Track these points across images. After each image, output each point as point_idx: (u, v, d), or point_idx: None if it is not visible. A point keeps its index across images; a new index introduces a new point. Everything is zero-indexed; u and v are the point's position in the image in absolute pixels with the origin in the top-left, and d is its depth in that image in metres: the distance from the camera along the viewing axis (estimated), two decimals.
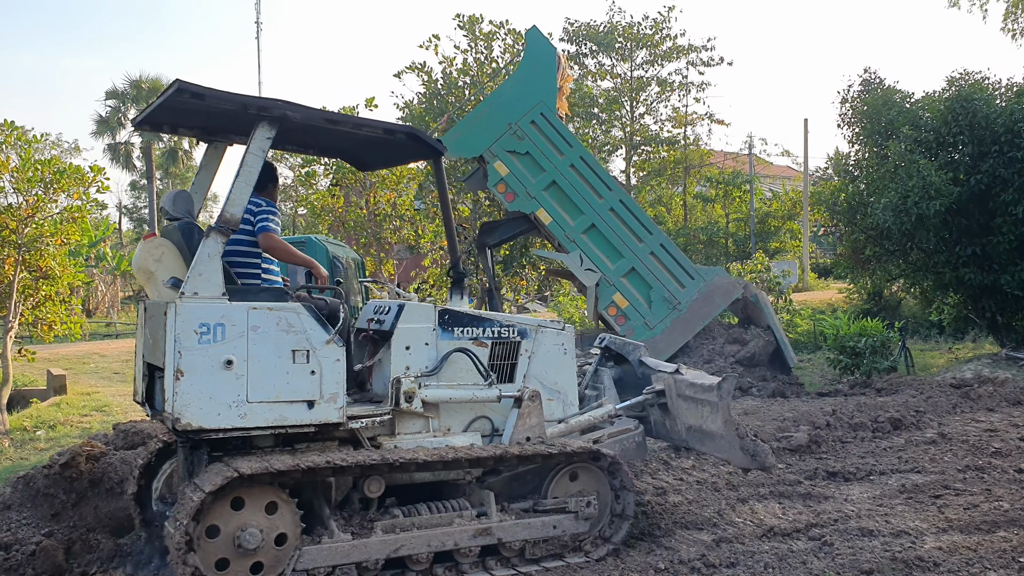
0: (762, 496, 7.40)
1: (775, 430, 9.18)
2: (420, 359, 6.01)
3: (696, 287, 11.53)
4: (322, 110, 5.64)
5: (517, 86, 12.01)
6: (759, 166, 40.82)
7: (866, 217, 15.33)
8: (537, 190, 11.85)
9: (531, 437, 6.20)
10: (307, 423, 5.34)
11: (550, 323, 6.78)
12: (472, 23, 17.40)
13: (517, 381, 6.45)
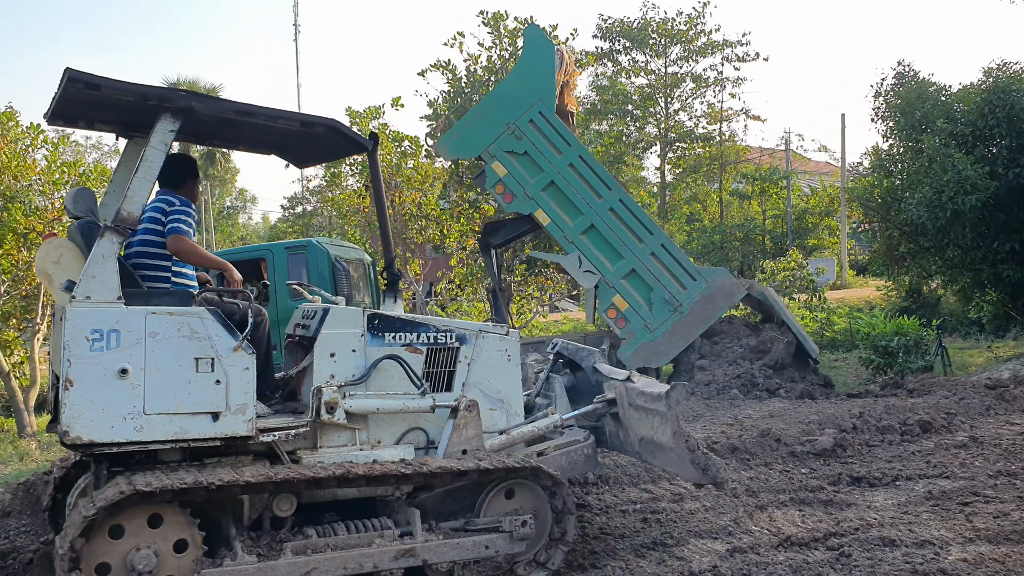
0: (782, 503, 7.18)
1: (799, 433, 8.93)
2: (346, 367, 5.66)
3: (698, 288, 11.22)
4: (232, 101, 5.32)
5: (515, 85, 11.77)
6: (796, 162, 40.29)
7: (900, 213, 14.97)
8: (535, 190, 11.60)
9: (467, 450, 5.81)
10: (211, 436, 5.01)
11: (492, 328, 6.39)
12: (497, 20, 17.29)
13: (455, 390, 6.07)
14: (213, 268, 5.89)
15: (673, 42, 36.00)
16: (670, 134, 36.56)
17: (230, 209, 65.53)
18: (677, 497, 7.49)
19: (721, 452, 8.50)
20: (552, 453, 6.37)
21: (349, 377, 5.65)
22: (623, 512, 7.15)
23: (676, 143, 36.75)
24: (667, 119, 36.89)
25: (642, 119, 36.95)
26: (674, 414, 6.10)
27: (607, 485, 7.85)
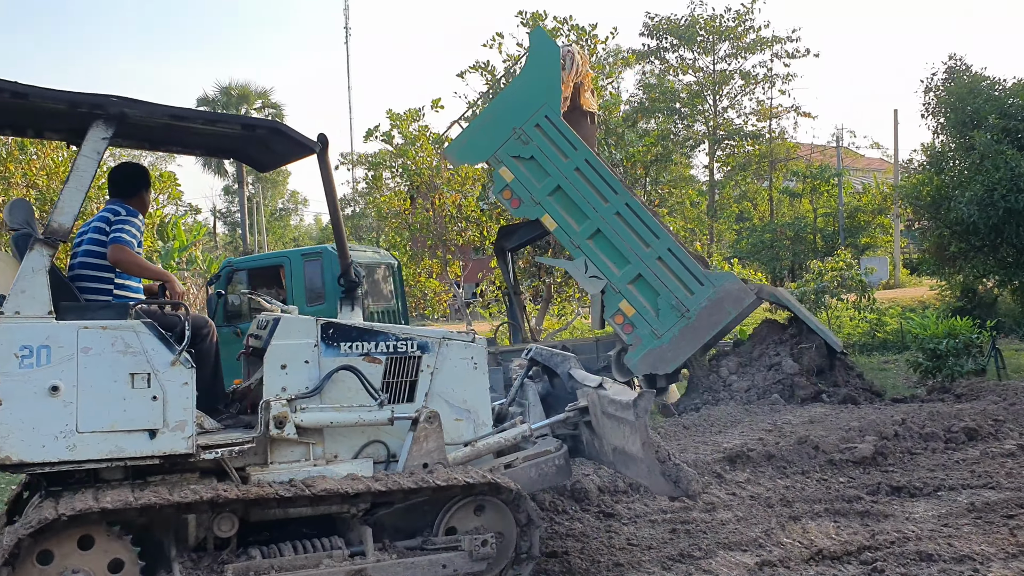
0: (816, 514, 6.96)
1: (838, 440, 8.68)
2: (299, 379, 5.44)
3: (706, 294, 10.92)
4: (166, 106, 5.09)
5: (521, 89, 11.66)
6: (848, 159, 39.60)
7: (950, 212, 14.57)
8: (542, 195, 11.46)
9: (428, 463, 5.57)
10: (149, 454, 4.83)
11: (457, 335, 6.15)
12: (535, 20, 17.19)
13: (418, 400, 5.82)
14: (154, 279, 5.68)
15: (721, 39, 35.65)
16: (719, 132, 36.19)
17: (282, 211, 66.33)
18: (709, 507, 7.31)
19: (757, 460, 8.31)
20: (521, 465, 6.10)
21: (301, 390, 5.44)
22: (652, 522, 7.00)
23: (725, 141, 36.37)
24: (715, 117, 36.54)
25: (690, 117, 36.64)
26: (642, 423, 5.79)
27: (638, 494, 7.70)
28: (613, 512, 7.30)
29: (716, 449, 8.85)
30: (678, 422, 10.20)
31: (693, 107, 36.24)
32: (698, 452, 8.85)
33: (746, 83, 36.28)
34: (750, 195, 39.00)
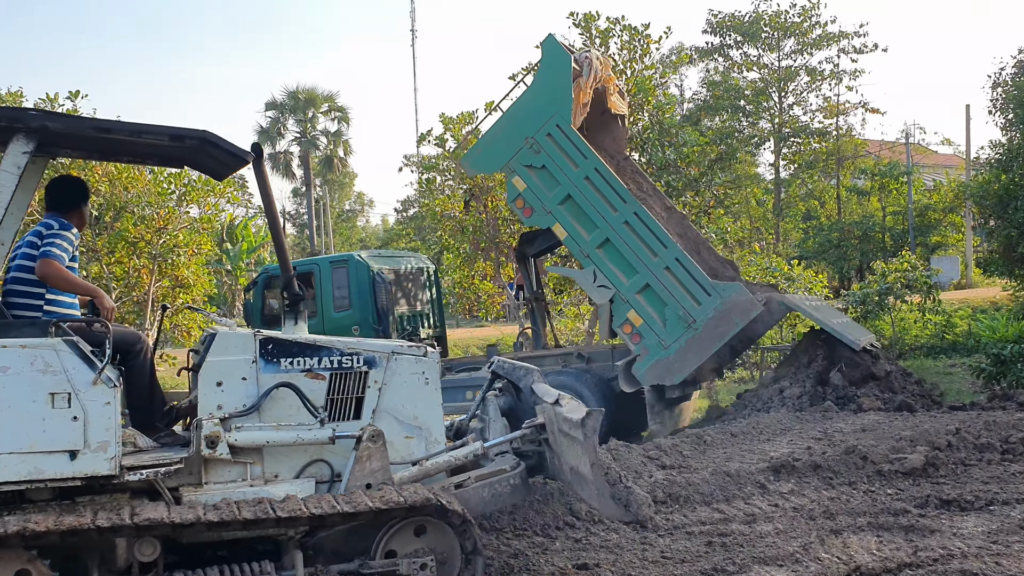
0: (859, 528, 6.76)
1: (888, 450, 8.41)
2: (236, 396, 5.31)
3: (712, 304, 10.69)
4: (90, 119, 4.98)
5: (533, 99, 11.61)
6: (919, 156, 38.53)
7: (1017, 211, 14.06)
8: (553, 204, 11.38)
9: (373, 484, 5.37)
10: (70, 476, 4.74)
11: (407, 349, 5.94)
12: (588, 21, 17.04)
13: (364, 418, 5.65)
14: (82, 294, 5.57)
15: (786, 35, 34.96)
16: (784, 129, 35.48)
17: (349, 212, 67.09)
18: (749, 518, 7.16)
19: (802, 470, 8.11)
20: (473, 484, 5.90)
21: (238, 407, 5.31)
22: (689, 534, 6.86)
23: (790, 138, 35.62)
24: (781, 114, 35.85)
25: (755, 114, 36.00)
26: (591, 444, 5.54)
27: (677, 504, 7.57)
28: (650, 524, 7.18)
29: (762, 458, 8.66)
30: (725, 429, 10.01)
31: (758, 104, 35.60)
32: (743, 461, 8.67)
33: (812, 79, 35.49)
34: (817, 193, 38.15)
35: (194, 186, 16.20)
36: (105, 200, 15.79)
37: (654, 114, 17.26)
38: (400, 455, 5.75)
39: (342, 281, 13.37)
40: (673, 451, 9.16)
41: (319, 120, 51.76)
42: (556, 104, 11.32)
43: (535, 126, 11.33)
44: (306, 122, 51.41)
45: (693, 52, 38.38)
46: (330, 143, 51.84)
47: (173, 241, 16.10)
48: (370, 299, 13.06)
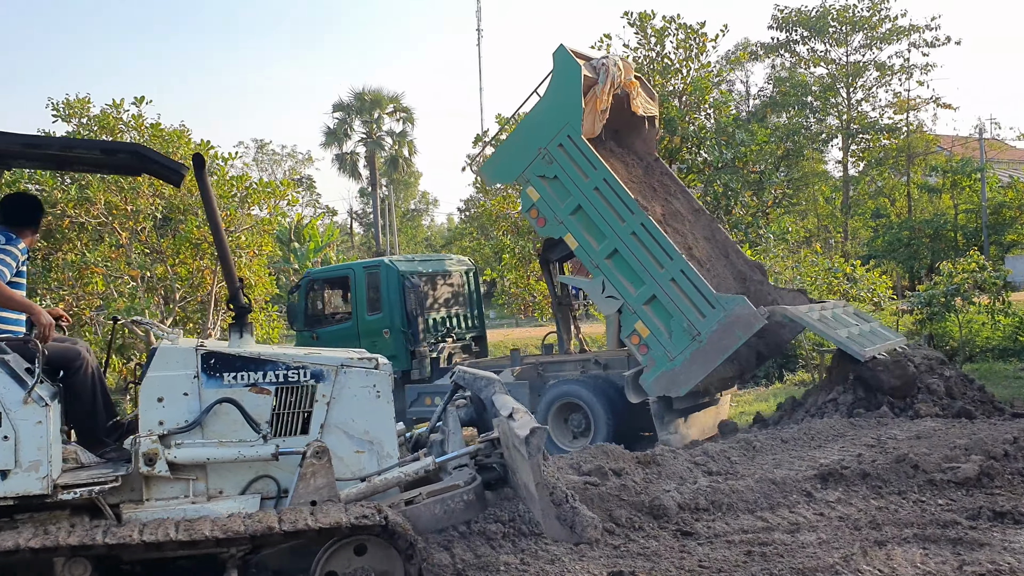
0: (905, 539, 6.58)
1: (941, 459, 8.18)
2: (177, 412, 5.23)
3: (716, 317, 10.53)
4: (19, 134, 5.04)
5: (546, 110, 11.68)
6: (995, 151, 37.35)
7: None
8: (565, 214, 11.42)
9: (318, 500, 5.27)
10: (1, 496, 4.74)
11: (358, 362, 5.81)
12: (643, 20, 16.90)
13: (313, 433, 5.55)
14: (17, 310, 5.54)
15: (855, 29, 34.29)
16: (852, 125, 34.78)
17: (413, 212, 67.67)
18: (793, 528, 7.03)
19: (850, 478, 7.93)
20: (424, 501, 5.76)
21: (180, 423, 5.24)
22: (729, 543, 6.77)
23: (859, 135, 34.91)
24: (849, 110, 35.15)
25: (822, 111, 35.34)
26: (535, 462, 5.40)
27: (720, 511, 7.47)
28: (692, 531, 7.10)
29: (811, 465, 8.51)
30: (776, 435, 9.86)
31: (825, 100, 34.94)
32: (791, 468, 8.53)
33: (881, 74, 34.74)
34: (886, 191, 37.33)
35: (255, 189, 16.49)
36: (169, 203, 16.15)
37: (711, 113, 17.09)
38: (351, 471, 5.66)
39: (374, 285, 13.71)
40: (721, 457, 9.06)
41: (384, 121, 52.37)
42: (567, 115, 11.39)
43: (547, 137, 11.44)
44: (372, 123, 52.06)
45: (759, 48, 37.89)
46: (395, 143, 52.41)
47: (235, 243, 16.41)
48: (399, 303, 13.39)
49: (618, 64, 11.98)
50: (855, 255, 30.69)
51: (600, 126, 11.94)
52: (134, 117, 15.49)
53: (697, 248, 12.66)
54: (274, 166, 66.07)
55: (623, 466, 8.28)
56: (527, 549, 6.83)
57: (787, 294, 12.62)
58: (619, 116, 12.66)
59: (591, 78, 11.81)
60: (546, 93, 11.76)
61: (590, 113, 11.78)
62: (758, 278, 12.73)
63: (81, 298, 15.10)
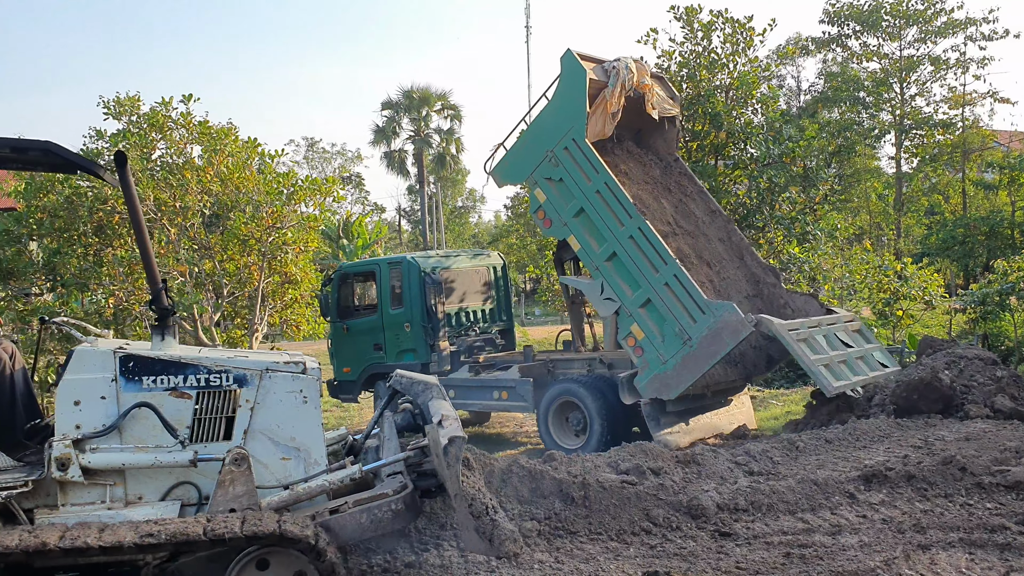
0: (950, 544, 6.42)
1: (990, 461, 7.97)
2: (95, 416, 5.12)
3: (706, 323, 10.51)
4: None
5: (553, 113, 11.83)
6: None
7: None
8: (568, 217, 11.57)
9: (237, 508, 5.13)
10: None
11: (283, 366, 5.66)
12: (689, 14, 16.70)
13: (236, 438, 5.42)
14: None
15: (909, 23, 33.61)
16: (906, 121, 34.13)
17: (461, 209, 67.86)
18: (834, 529, 6.91)
19: (895, 480, 7.76)
20: (350, 510, 5.58)
21: (97, 428, 5.13)
22: (768, 544, 6.67)
23: (913, 130, 34.25)
24: (902, 105, 34.49)
25: (875, 106, 34.73)
26: (454, 472, 5.26)
27: (760, 512, 7.35)
28: (730, 532, 7.01)
29: (855, 466, 8.34)
30: (820, 435, 9.68)
31: (878, 95, 34.33)
32: (835, 468, 8.38)
33: (936, 69, 34.02)
34: (941, 187, 36.59)
35: (301, 186, 16.63)
36: (217, 200, 16.34)
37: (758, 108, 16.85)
38: (276, 478, 5.56)
39: (397, 281, 14.07)
40: (763, 457, 8.93)
41: (432, 118, 52.55)
42: (572, 119, 11.52)
43: (554, 140, 11.60)
44: (420, 120, 52.26)
45: (810, 43, 37.34)
46: (443, 141, 52.58)
47: (281, 239, 16.56)
48: (420, 298, 13.72)
49: (630, 67, 12.04)
50: (908, 253, 30.10)
51: (612, 128, 12.03)
52: (183, 115, 15.70)
53: (708, 250, 12.62)
54: (324, 164, 66.70)
55: (662, 465, 8.19)
56: (562, 547, 6.80)
57: (799, 298, 12.50)
58: (641, 116, 12.71)
59: (601, 81, 11.93)
60: (553, 97, 11.90)
61: (600, 115, 11.90)
62: (771, 281, 12.67)
63: (131, 293, 15.33)
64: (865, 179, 37.22)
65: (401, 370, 7.09)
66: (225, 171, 16.57)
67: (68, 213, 15.39)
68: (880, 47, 34.82)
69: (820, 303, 12.41)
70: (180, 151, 16.03)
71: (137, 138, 15.37)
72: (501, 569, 6.33)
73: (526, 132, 12.20)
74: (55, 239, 16.05)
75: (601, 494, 7.39)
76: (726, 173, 17.15)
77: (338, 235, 43.60)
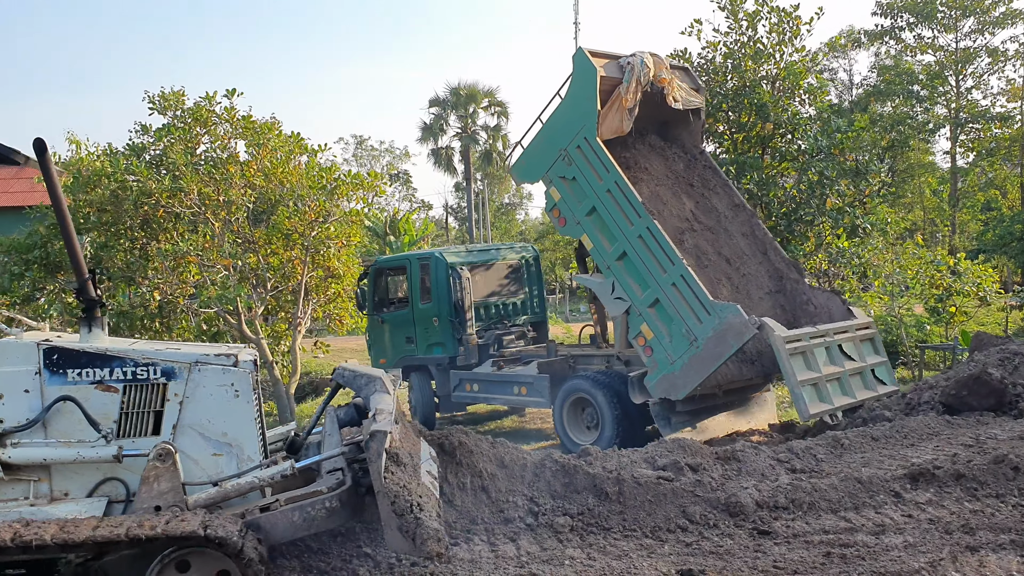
0: (1000, 545, 6.16)
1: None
2: (18, 410, 5.03)
3: (712, 324, 10.37)
4: None
5: (566, 112, 11.80)
6: None
7: None
8: (581, 215, 11.61)
9: (162, 506, 5.00)
10: None
11: (214, 359, 5.50)
12: (734, 5, 16.38)
13: (164, 433, 5.28)
14: None
15: (965, 14, 32.86)
16: (961, 115, 33.34)
17: (508, 206, 67.80)
18: (878, 529, 6.67)
19: (943, 479, 7.48)
20: (282, 508, 5.40)
21: (20, 421, 5.03)
22: (808, 543, 6.46)
23: (968, 124, 33.45)
24: (958, 98, 33.71)
25: (929, 99, 33.97)
26: (376, 467, 5.06)
27: (801, 510, 7.13)
28: (769, 530, 6.80)
29: (902, 464, 8.08)
30: (866, 432, 9.39)
31: (933, 89, 33.57)
32: (880, 467, 8.12)
33: (994, 61, 33.25)
34: (998, 182, 35.74)
35: (344, 180, 16.63)
36: (261, 195, 16.39)
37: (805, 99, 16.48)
38: (207, 474, 5.43)
39: (426, 275, 14.34)
40: (806, 454, 8.69)
41: (479, 115, 52.55)
42: (584, 117, 11.55)
43: (567, 139, 11.66)
44: (467, 117, 52.29)
45: (862, 35, 36.66)
46: (490, 138, 52.53)
47: (325, 233, 16.58)
48: (447, 292, 13.95)
49: (646, 61, 11.96)
50: (963, 249, 29.42)
51: (629, 124, 11.94)
52: (226, 109, 15.76)
53: (729, 246, 12.47)
54: (372, 161, 67.06)
55: (700, 461, 8.01)
56: (595, 544, 6.66)
57: (821, 295, 12.25)
58: (664, 109, 12.64)
59: (616, 77, 11.86)
60: (566, 96, 11.93)
61: (616, 111, 11.84)
62: (794, 277, 12.47)
63: (176, 286, 15.43)
64: (919, 174, 36.45)
65: (345, 364, 6.93)
66: (268, 166, 16.62)
67: (114, 207, 15.54)
68: (935, 39, 34.10)
69: (843, 301, 12.17)
70: (224, 146, 16.10)
71: (181, 132, 15.47)
72: (531, 564, 6.24)
73: (541, 131, 12.21)
74: (102, 233, 16.24)
75: (636, 490, 7.24)
76: (773, 165, 16.82)
77: (385, 232, 43.76)
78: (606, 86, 11.70)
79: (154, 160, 16.00)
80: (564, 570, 6.08)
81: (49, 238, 16.46)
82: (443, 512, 6.01)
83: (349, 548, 6.57)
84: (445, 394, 14.26)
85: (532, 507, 7.19)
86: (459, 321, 13.99)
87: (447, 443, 7.35)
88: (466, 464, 7.31)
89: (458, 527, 6.92)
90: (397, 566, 6.34)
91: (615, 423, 11.56)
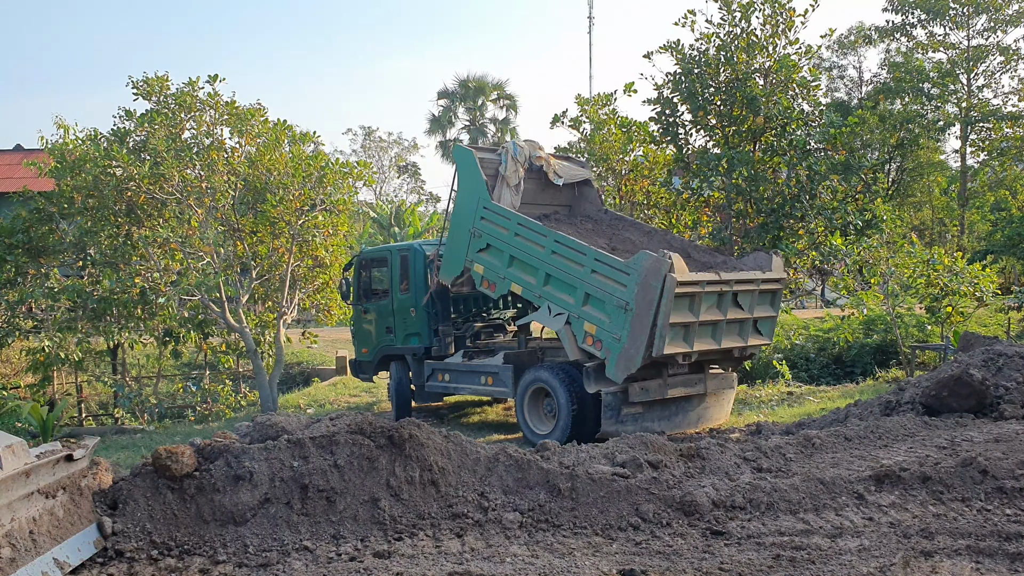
0: (956, 551, 5.93)
1: (1015, 465, 7.36)
2: None
3: (633, 280, 10.82)
4: None
5: (462, 197, 13.17)
6: None
7: None
8: (504, 270, 12.43)
9: None
10: None
11: None
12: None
13: None
14: None
15: (978, 11, 32.39)
16: (972, 113, 32.88)
17: None
18: (836, 532, 6.45)
19: (909, 481, 7.25)
20: None
21: None
22: (759, 545, 6.25)
23: (979, 123, 32.98)
24: (969, 97, 33.24)
25: (940, 97, 33.50)
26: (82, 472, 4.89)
27: (758, 511, 6.91)
28: (723, 530, 6.59)
29: (872, 465, 7.83)
30: (840, 432, 9.14)
31: (943, 87, 33.11)
32: (849, 467, 7.89)
33: (1006, 59, 32.75)
34: (1008, 182, 35.18)
35: (331, 168, 16.48)
36: (246, 181, 16.25)
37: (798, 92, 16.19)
38: None
39: (404, 267, 14.69)
40: (775, 453, 8.45)
41: (488, 108, 52.33)
42: (476, 191, 12.93)
43: (471, 217, 12.93)
44: (475, 110, 52.06)
45: (872, 32, 36.23)
46: (498, 130, 52.30)
47: (312, 222, 16.44)
48: (424, 284, 14.29)
49: (519, 144, 13.54)
50: (972, 250, 29.02)
51: (518, 200, 13.40)
52: (210, 95, 15.62)
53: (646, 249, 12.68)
54: (381, 153, 66.86)
55: (662, 458, 7.78)
56: (542, 541, 6.47)
57: (753, 256, 12.76)
58: (566, 191, 14.31)
59: (495, 160, 13.48)
60: (457, 187, 13.24)
61: (505, 189, 13.28)
62: (720, 259, 12.82)
63: (159, 273, 15.33)
64: (928, 173, 35.99)
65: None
66: (252, 151, 16.48)
67: (98, 192, 15.43)
68: (946, 36, 33.67)
69: (773, 253, 12.53)
70: (209, 132, 15.97)
71: (164, 118, 15.34)
72: (472, 561, 6.05)
73: (450, 227, 13.44)
74: (88, 218, 16.13)
75: (590, 486, 7.04)
76: (764, 160, 16.52)
77: (390, 223, 43.64)
78: (489, 171, 13.26)
79: (137, 146, 15.89)
80: (504, 568, 5.89)
81: (31, 222, 16.39)
82: None
83: (288, 541, 6.42)
84: (420, 384, 14.30)
85: (482, 502, 6.99)
86: (435, 312, 14.24)
87: (396, 435, 7.15)
88: (415, 457, 7.10)
89: (403, 522, 6.73)
90: (335, 559, 6.20)
91: (570, 414, 11.72)
